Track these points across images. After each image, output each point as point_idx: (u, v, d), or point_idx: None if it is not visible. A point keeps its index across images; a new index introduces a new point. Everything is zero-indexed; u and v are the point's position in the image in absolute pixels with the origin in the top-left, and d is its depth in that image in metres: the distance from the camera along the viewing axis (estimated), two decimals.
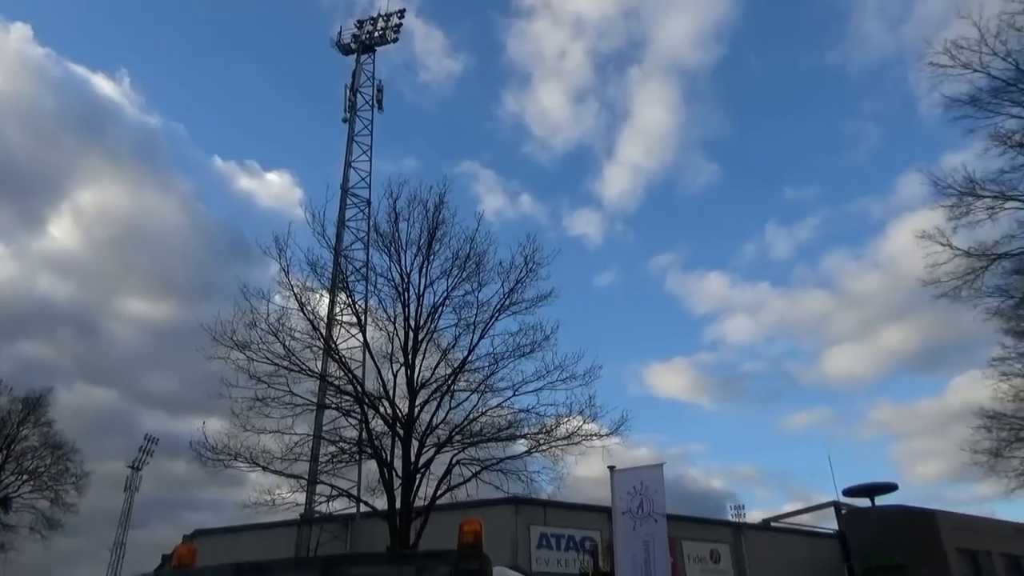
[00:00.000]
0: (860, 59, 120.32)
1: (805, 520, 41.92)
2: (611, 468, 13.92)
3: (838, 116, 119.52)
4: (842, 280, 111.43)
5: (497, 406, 18.25)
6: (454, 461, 17.44)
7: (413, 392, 17.60)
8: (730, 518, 39.02)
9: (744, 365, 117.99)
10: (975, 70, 19.08)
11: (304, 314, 17.74)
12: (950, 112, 20.25)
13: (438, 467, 17.58)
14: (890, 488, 42.24)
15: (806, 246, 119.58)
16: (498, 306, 18.26)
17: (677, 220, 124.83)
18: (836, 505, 40.87)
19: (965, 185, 20.27)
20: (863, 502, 41.44)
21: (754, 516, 43.50)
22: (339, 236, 24.65)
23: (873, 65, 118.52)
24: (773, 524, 41.05)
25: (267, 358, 17.04)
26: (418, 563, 3.92)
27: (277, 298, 18.20)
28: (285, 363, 17.21)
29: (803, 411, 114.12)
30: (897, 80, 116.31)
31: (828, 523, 40.27)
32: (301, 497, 18.32)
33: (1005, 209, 20.23)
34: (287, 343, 17.32)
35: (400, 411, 17.54)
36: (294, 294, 17.67)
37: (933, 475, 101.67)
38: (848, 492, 41.93)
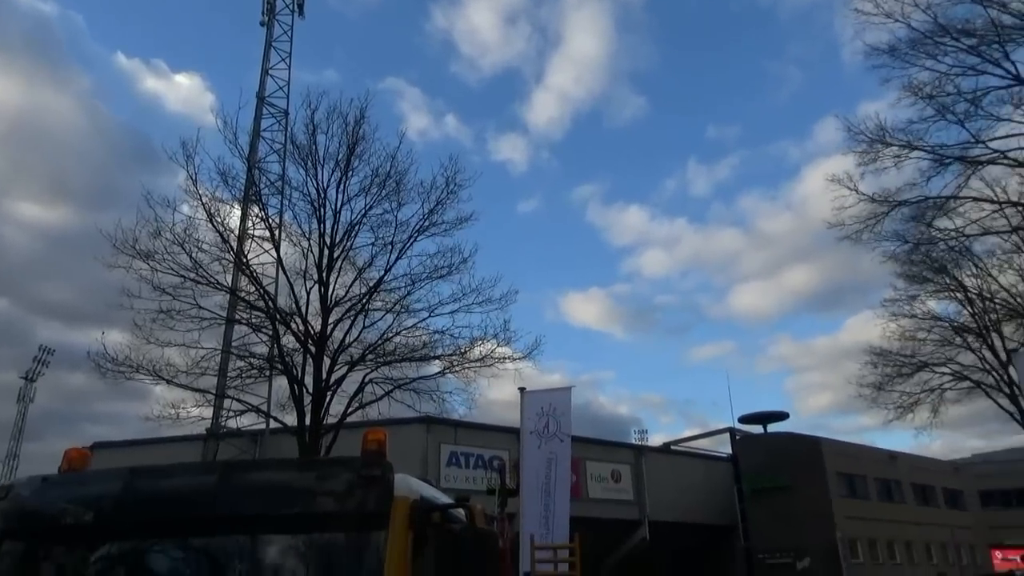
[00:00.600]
0: (790, 0, 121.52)
1: (703, 444, 44.48)
2: (522, 390, 14.26)
3: (764, 57, 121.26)
4: (755, 220, 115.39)
5: (412, 327, 18.32)
6: (366, 379, 17.45)
7: (326, 310, 17.37)
8: (633, 442, 40.84)
9: (657, 297, 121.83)
10: (896, 20, 19.59)
11: (213, 225, 17.08)
12: (869, 60, 20.85)
13: (350, 385, 17.60)
14: (781, 417, 45.09)
15: (724, 185, 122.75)
16: (417, 227, 18.11)
17: (602, 151, 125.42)
18: (732, 431, 43.46)
19: (876, 133, 21.10)
20: (757, 429, 44.12)
21: (656, 440, 45.80)
22: (253, 146, 23.56)
23: (803, 7, 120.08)
24: (672, 448, 43.32)
25: (172, 269, 16.40)
26: (320, 470, 3.91)
27: (185, 208, 17.42)
28: (192, 275, 16.62)
29: (709, 343, 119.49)
30: (824, 25, 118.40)
31: (724, 448, 42.89)
32: (208, 412, 18.06)
33: (910, 158, 21.22)
34: (194, 255, 16.69)
35: (312, 328, 17.32)
36: (202, 204, 16.94)
37: (822, 406, 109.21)
38: (743, 419, 44.54)
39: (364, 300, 17.79)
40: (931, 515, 43.02)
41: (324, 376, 16.90)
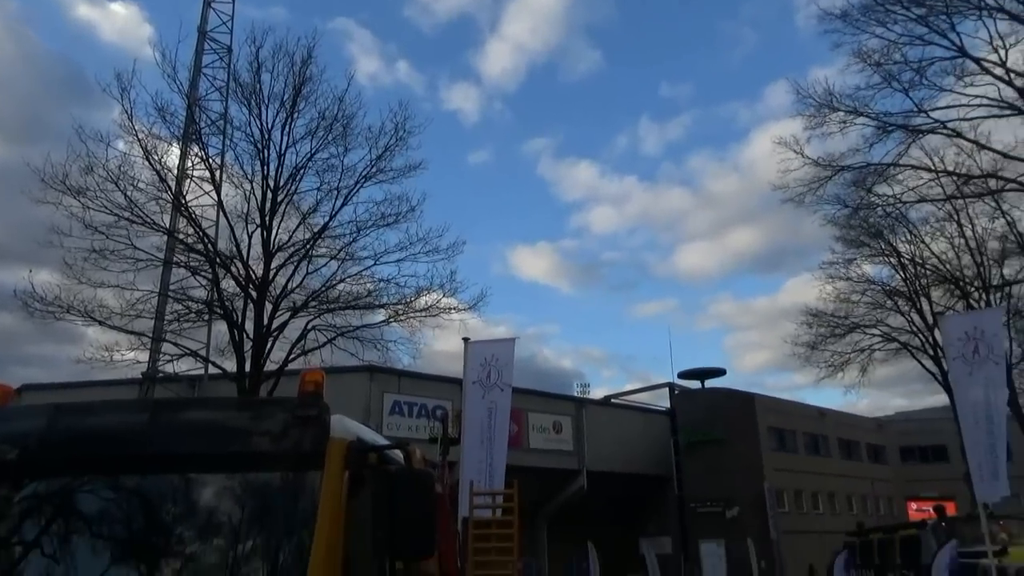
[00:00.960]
0: None
1: (642, 398, 45.65)
2: (465, 340, 14.28)
3: (719, 16, 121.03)
4: (703, 180, 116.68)
5: (356, 274, 18.18)
6: (309, 326, 17.29)
7: (269, 254, 17.06)
8: (575, 394, 41.62)
9: (604, 253, 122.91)
10: None
11: (150, 163, 16.48)
12: (823, 24, 21.19)
13: (292, 331, 17.43)
14: (719, 373, 46.42)
15: (674, 144, 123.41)
16: (364, 173, 17.88)
17: (555, 105, 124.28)
18: (670, 386, 44.65)
19: (824, 97, 21.57)
20: (695, 384, 45.38)
21: (598, 394, 46.75)
22: (193, 82, 22.58)
23: None
24: (613, 401, 44.30)
25: (106, 207, 15.81)
26: (255, 409, 3.85)
27: (120, 144, 16.76)
28: (127, 214, 16.06)
29: (653, 300, 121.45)
30: None
31: (663, 402, 44.14)
32: (143, 355, 17.59)
33: (855, 124, 21.80)
34: (129, 193, 16.10)
35: (254, 273, 17.01)
36: (138, 140, 16.30)
37: (758, 364, 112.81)
38: (682, 375, 45.74)
39: (308, 246, 17.53)
40: (854, 468, 45.25)
41: (265, 322, 16.67)
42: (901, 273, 31.57)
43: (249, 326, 16.73)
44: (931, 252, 30.46)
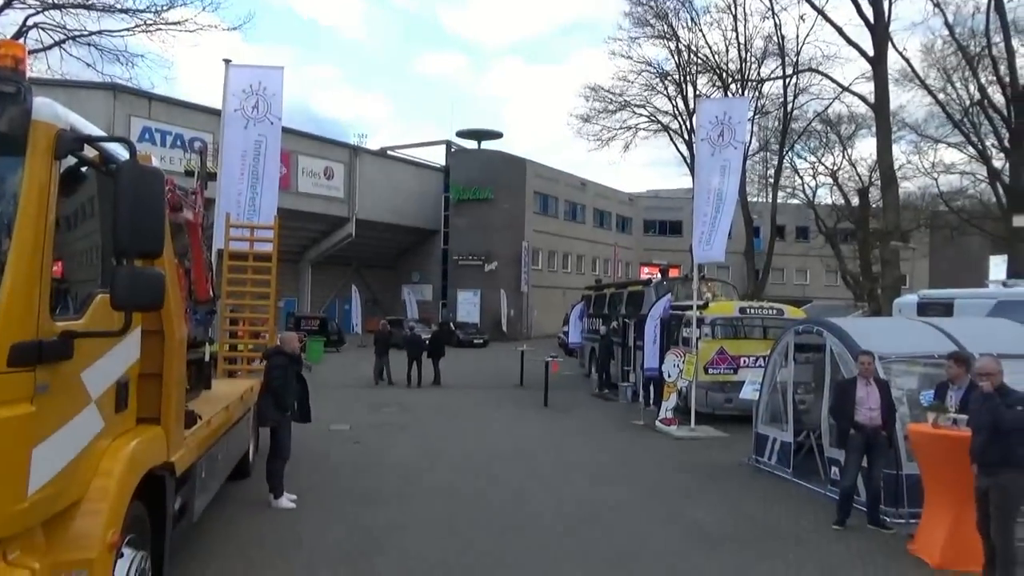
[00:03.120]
0: None
1: (420, 153, 45.67)
2: (227, 62, 12.76)
3: None
4: None
5: None
6: (29, 22, 14.48)
7: None
8: (350, 142, 40.49)
9: None
10: None
11: None
12: None
13: (8, 28, 14.59)
14: (496, 135, 47.38)
15: None
16: None
17: None
18: (448, 144, 44.97)
19: None
20: (472, 144, 46.10)
21: (376, 146, 45.79)
22: None
23: None
24: (389, 153, 43.91)
25: None
26: None
27: None
28: None
29: (443, 53, 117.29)
30: None
31: (440, 159, 44.57)
32: None
33: None
34: None
35: None
36: None
37: (536, 134, 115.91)
38: (460, 134, 46.13)
39: None
40: (603, 235, 50.16)
41: None
42: (676, 59, 33.28)
43: None
44: (705, 42, 32.37)
